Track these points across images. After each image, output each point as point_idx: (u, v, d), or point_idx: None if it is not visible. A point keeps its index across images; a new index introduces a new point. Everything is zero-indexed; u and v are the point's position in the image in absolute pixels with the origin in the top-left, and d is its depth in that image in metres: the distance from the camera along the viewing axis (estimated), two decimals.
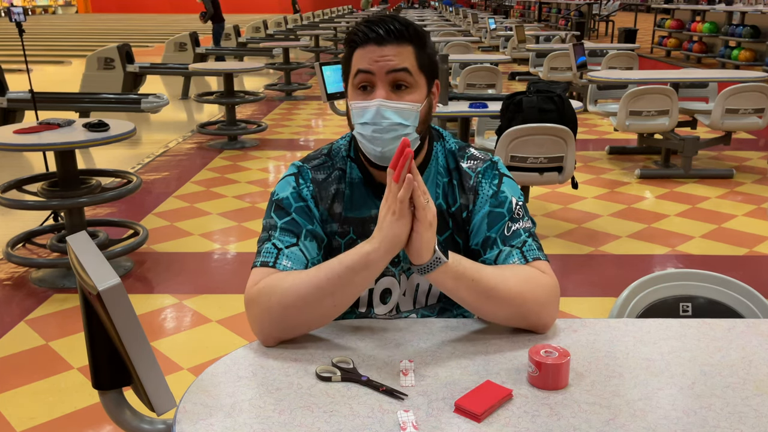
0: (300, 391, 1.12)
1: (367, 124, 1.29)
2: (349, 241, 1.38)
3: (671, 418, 1.05)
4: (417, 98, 1.31)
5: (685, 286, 1.64)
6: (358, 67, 1.30)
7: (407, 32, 1.31)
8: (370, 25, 1.31)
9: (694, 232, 4.33)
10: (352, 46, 1.32)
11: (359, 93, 1.32)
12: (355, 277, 1.22)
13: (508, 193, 1.39)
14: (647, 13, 23.30)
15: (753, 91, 5.28)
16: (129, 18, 33.60)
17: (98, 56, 8.48)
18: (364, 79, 1.30)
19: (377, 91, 1.29)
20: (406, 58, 1.30)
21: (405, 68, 1.29)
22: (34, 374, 2.73)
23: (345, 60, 1.36)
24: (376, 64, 1.29)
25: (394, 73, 1.29)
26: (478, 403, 1.06)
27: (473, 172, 1.42)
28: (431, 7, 32.38)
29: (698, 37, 13.19)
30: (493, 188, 1.39)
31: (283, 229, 1.34)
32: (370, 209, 1.38)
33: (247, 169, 5.97)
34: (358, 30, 1.32)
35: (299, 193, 1.38)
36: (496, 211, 1.37)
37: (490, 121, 4.81)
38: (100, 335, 1.09)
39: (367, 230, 1.37)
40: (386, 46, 1.29)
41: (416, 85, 1.31)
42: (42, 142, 3.40)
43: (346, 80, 1.37)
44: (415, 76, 1.31)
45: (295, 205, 1.37)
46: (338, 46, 15.94)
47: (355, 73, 1.31)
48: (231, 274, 3.78)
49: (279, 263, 1.29)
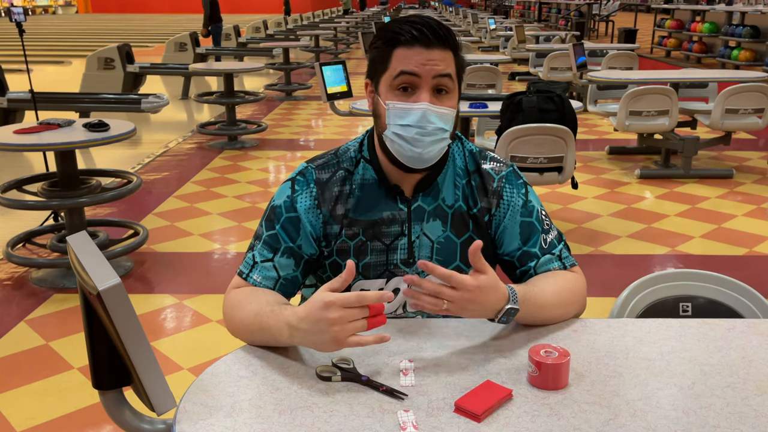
0: (300, 391, 1.12)
1: (410, 126, 1.28)
2: (359, 243, 1.38)
3: (671, 418, 1.05)
4: (453, 103, 1.32)
5: (685, 286, 1.64)
6: (403, 68, 1.28)
7: (451, 37, 1.30)
8: (414, 24, 1.29)
9: (694, 232, 4.33)
10: (393, 44, 1.30)
11: (398, 94, 1.30)
12: (264, 334, 1.23)
13: (534, 203, 1.44)
14: (647, 13, 23.31)
15: (753, 91, 5.28)
16: (129, 18, 33.60)
17: (98, 56, 8.48)
18: (407, 80, 1.29)
19: (422, 95, 1.28)
20: (449, 64, 1.30)
21: (449, 74, 1.30)
22: (34, 374, 2.73)
23: (381, 58, 1.32)
24: (423, 68, 1.27)
25: (439, 78, 1.29)
26: (478, 403, 1.06)
27: (497, 175, 1.43)
28: (431, 7, 32.37)
29: (698, 37, 13.20)
30: (521, 198, 1.42)
31: (265, 243, 1.37)
32: (382, 212, 1.38)
33: (247, 169, 5.97)
34: (401, 29, 1.29)
35: (293, 202, 1.38)
36: (526, 222, 1.41)
37: (490, 121, 4.81)
38: (100, 335, 1.09)
39: (378, 233, 1.37)
40: (433, 50, 1.28)
41: (454, 90, 1.32)
42: (42, 142, 3.40)
43: (375, 77, 1.35)
44: (454, 81, 1.32)
45: (285, 216, 1.37)
46: (338, 46, 15.94)
47: (398, 74, 1.29)
48: (231, 274, 3.75)
49: (250, 276, 1.37)
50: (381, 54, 1.32)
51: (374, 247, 1.38)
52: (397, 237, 1.38)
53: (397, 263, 1.39)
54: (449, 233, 1.39)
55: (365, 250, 1.38)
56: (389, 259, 1.38)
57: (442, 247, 1.39)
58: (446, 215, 1.39)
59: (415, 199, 1.39)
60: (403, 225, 1.38)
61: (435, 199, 1.39)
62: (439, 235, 1.39)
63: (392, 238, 1.38)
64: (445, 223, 1.39)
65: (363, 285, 1.39)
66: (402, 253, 1.38)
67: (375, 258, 1.38)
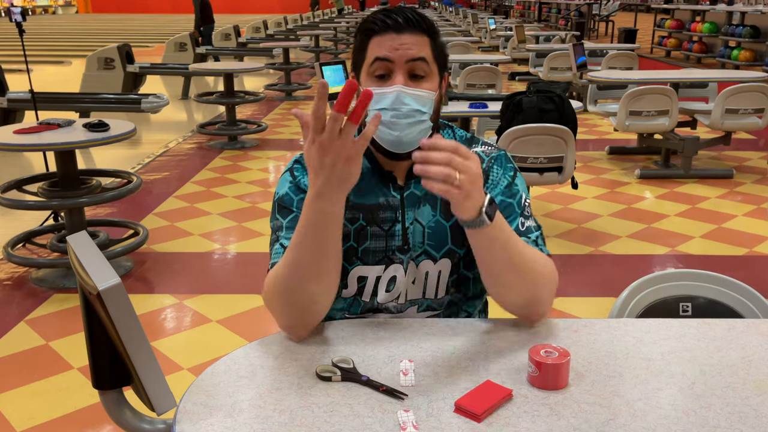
0: (300, 391, 1.12)
1: (386, 109, 1.29)
2: (359, 227, 1.38)
3: (671, 418, 1.05)
4: (432, 87, 1.32)
5: (685, 286, 1.64)
6: (376, 54, 1.30)
7: (424, 22, 1.32)
8: (387, 13, 1.32)
9: (694, 232, 4.33)
10: (369, 34, 1.32)
11: (375, 81, 1.32)
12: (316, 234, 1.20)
13: (520, 188, 1.41)
14: (647, 13, 23.31)
15: (753, 91, 5.28)
16: (129, 18, 33.60)
17: (98, 56, 8.48)
18: (382, 66, 1.30)
19: (396, 78, 1.29)
20: (423, 48, 1.31)
21: (423, 57, 1.30)
22: (34, 374, 2.73)
23: (359, 49, 1.35)
24: (395, 52, 1.29)
25: (412, 62, 1.30)
26: (478, 403, 1.06)
27: (486, 156, 1.42)
28: (431, 7, 32.37)
29: (698, 37, 13.20)
30: (507, 179, 1.40)
31: (289, 228, 1.35)
32: (378, 197, 1.38)
33: (247, 169, 5.97)
34: (375, 18, 1.32)
35: (297, 185, 1.38)
36: (507, 201, 1.37)
37: (490, 121, 4.82)
38: (100, 335, 1.09)
39: (377, 216, 1.37)
40: (405, 35, 1.30)
41: (431, 75, 1.33)
42: (42, 142, 3.40)
43: (357, 70, 1.36)
44: (431, 65, 1.32)
45: (297, 199, 1.37)
46: (338, 46, 15.95)
47: (372, 61, 1.31)
48: (231, 274, 3.78)
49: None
50: (359, 45, 1.35)
51: (374, 232, 1.38)
52: (393, 223, 1.38)
53: (394, 250, 1.39)
54: (439, 217, 1.39)
55: (365, 234, 1.38)
56: (388, 245, 1.38)
57: (433, 231, 1.38)
58: (435, 199, 1.39)
59: (407, 186, 1.39)
60: (396, 211, 1.38)
61: None
62: (430, 220, 1.39)
63: (389, 224, 1.38)
64: (435, 208, 1.39)
65: (361, 271, 1.39)
66: (398, 240, 1.38)
67: (374, 243, 1.38)
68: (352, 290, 1.40)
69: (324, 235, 1.21)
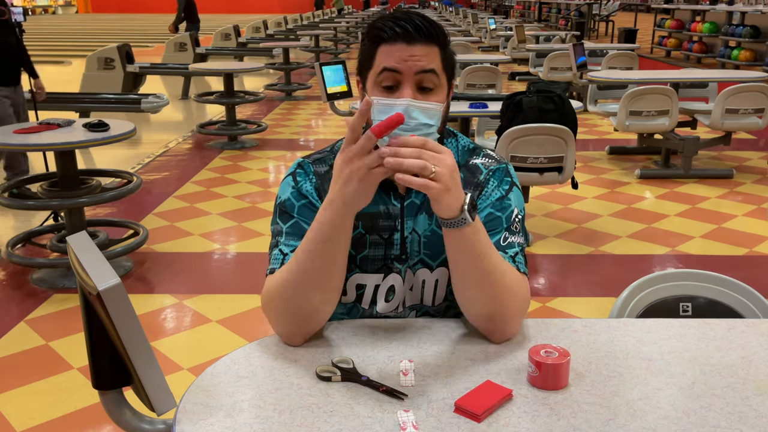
0: (300, 391, 1.12)
1: None
2: (358, 235, 1.37)
3: (671, 418, 1.05)
4: (440, 99, 1.29)
5: (685, 286, 1.64)
6: (385, 65, 1.27)
7: (435, 32, 1.28)
8: (397, 20, 1.27)
9: (694, 232, 4.33)
10: (377, 41, 1.29)
11: (382, 91, 1.29)
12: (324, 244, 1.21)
13: (513, 203, 1.38)
14: (647, 13, 23.31)
15: (753, 91, 5.28)
16: (129, 18, 33.59)
17: (98, 56, 8.48)
18: (390, 77, 1.27)
19: (404, 91, 1.26)
20: (434, 59, 1.28)
21: (433, 69, 1.27)
22: (34, 374, 2.73)
23: (366, 55, 1.32)
24: (404, 64, 1.26)
25: (422, 74, 1.27)
26: (478, 403, 1.06)
27: (485, 168, 1.41)
28: (431, 7, 32.35)
29: (698, 37, 13.20)
30: (500, 192, 1.38)
31: (288, 233, 1.34)
32: (379, 205, 1.38)
33: (247, 169, 5.97)
34: (384, 25, 1.28)
35: (299, 190, 1.38)
36: (496, 215, 1.36)
37: (490, 121, 4.81)
38: (100, 335, 1.08)
39: (377, 225, 1.37)
40: (415, 46, 1.26)
41: (440, 87, 1.30)
42: (42, 142, 3.40)
43: (363, 74, 1.34)
44: (440, 77, 1.29)
45: (298, 205, 1.36)
46: (338, 46, 15.94)
47: (380, 71, 1.28)
48: (231, 274, 3.78)
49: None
50: (367, 51, 1.32)
51: (373, 241, 1.37)
52: (392, 232, 1.38)
53: (393, 259, 1.39)
54: (434, 226, 1.38)
55: (363, 242, 1.37)
56: (387, 253, 1.38)
57: (429, 240, 1.38)
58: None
59: (408, 195, 1.39)
60: (396, 220, 1.38)
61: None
62: (425, 229, 1.38)
63: (388, 232, 1.38)
64: (431, 216, 1.38)
65: (359, 279, 1.38)
66: (396, 249, 1.38)
67: (373, 252, 1.38)
68: (351, 297, 1.40)
69: (332, 246, 1.21)
